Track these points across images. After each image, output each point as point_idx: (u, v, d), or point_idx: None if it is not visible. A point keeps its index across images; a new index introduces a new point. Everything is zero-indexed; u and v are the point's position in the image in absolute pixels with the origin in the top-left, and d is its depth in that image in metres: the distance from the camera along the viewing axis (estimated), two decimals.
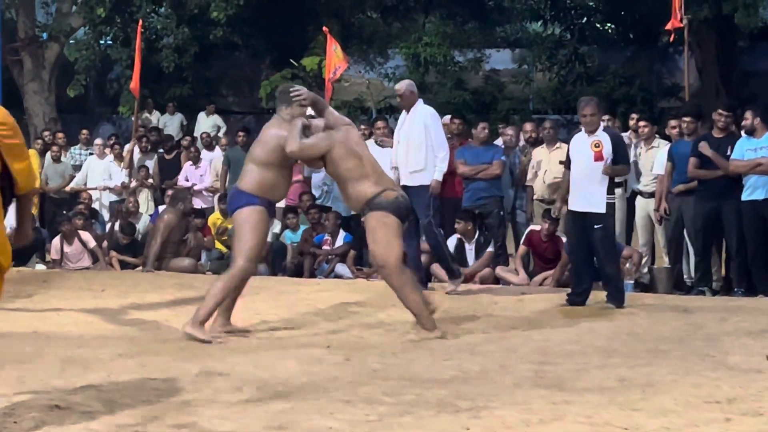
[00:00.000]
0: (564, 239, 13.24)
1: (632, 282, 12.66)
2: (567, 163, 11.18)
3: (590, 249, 10.96)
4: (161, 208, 16.37)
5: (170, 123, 22.48)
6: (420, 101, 12.19)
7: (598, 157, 10.72)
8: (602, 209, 10.75)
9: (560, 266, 12.84)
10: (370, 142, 14.40)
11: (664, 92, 24.17)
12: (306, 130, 9.15)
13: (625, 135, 14.11)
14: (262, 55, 27.19)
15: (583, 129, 11.05)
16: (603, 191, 10.76)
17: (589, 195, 10.77)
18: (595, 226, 10.76)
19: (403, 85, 12.28)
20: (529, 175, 14.04)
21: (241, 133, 17.21)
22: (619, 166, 10.98)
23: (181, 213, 15.10)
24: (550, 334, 9.31)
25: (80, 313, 10.50)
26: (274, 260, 14.67)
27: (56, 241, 15.41)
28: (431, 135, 11.86)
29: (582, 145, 10.94)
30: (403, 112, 12.30)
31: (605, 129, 11.14)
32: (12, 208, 6.15)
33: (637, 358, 8.02)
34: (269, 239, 12.73)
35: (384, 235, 9.04)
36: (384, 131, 14.52)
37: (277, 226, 14.89)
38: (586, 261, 11.05)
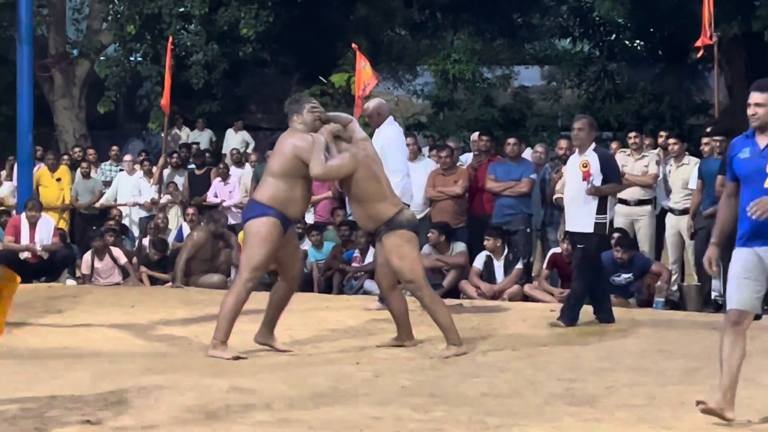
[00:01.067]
0: None
1: (662, 300, 12.60)
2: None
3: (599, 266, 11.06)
4: (185, 225, 16.43)
5: (199, 139, 22.56)
6: (387, 121, 11.83)
7: (586, 177, 10.65)
8: (589, 229, 10.68)
9: None
10: None
11: (693, 109, 24.07)
12: (328, 150, 9.13)
13: (654, 152, 14.10)
14: (291, 71, 27.26)
15: (576, 150, 11.01)
16: (590, 211, 10.67)
17: (576, 215, 10.77)
18: (578, 246, 10.78)
19: (371, 105, 12.01)
20: (559, 193, 14.01)
21: (269, 150, 17.25)
22: (608, 186, 10.80)
23: (211, 233, 15.11)
24: (580, 351, 9.30)
25: (110, 328, 10.54)
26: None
27: (87, 256, 15.48)
28: (387, 159, 10.95)
29: (572, 165, 10.96)
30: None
31: (595, 149, 10.93)
32: (45, 227, 6.18)
33: (667, 376, 8.00)
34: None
35: (409, 251, 9.08)
36: (413, 147, 14.53)
37: (305, 245, 14.92)
38: (597, 278, 11.03)
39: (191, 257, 14.86)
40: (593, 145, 10.91)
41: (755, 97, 6.66)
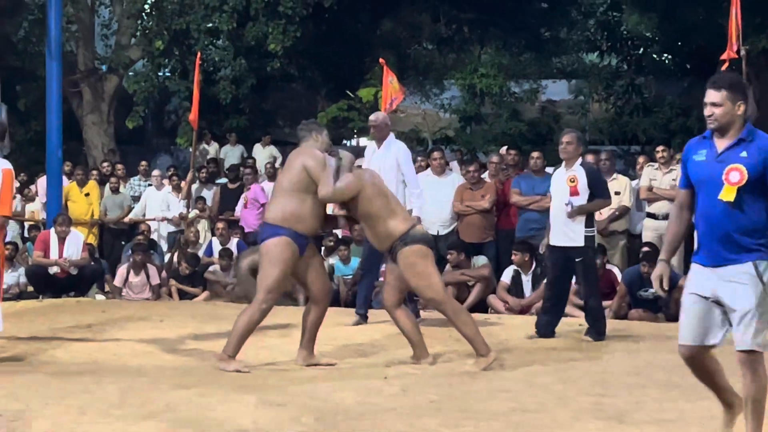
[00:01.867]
0: (616, 271, 13.19)
1: None
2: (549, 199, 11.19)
3: (567, 285, 11.08)
4: (214, 239, 16.47)
5: (231, 154, 22.65)
6: (392, 135, 11.91)
7: (574, 192, 10.68)
8: (580, 243, 10.70)
9: (618, 298, 12.78)
10: (427, 173, 14.46)
11: None
12: (338, 173, 9.14)
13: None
14: (319, 86, 27.33)
15: (563, 165, 10.97)
16: (580, 225, 10.71)
17: (567, 230, 10.70)
18: (576, 260, 10.72)
19: (380, 117, 11.99)
20: None
21: None
22: (590, 204, 10.80)
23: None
24: (609, 365, 9.27)
25: (139, 343, 10.56)
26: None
27: (123, 269, 15.56)
28: (404, 171, 11.53)
29: (559, 179, 10.92)
30: (372, 144, 12.08)
31: (582, 163, 10.96)
32: (74, 242, 6.21)
33: (696, 391, 7.94)
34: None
35: (424, 267, 9.07)
36: (440, 162, 14.53)
37: (332, 259, 14.93)
38: (562, 297, 11.10)
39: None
40: (580, 159, 10.92)
41: (711, 95, 6.16)
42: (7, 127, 9.17)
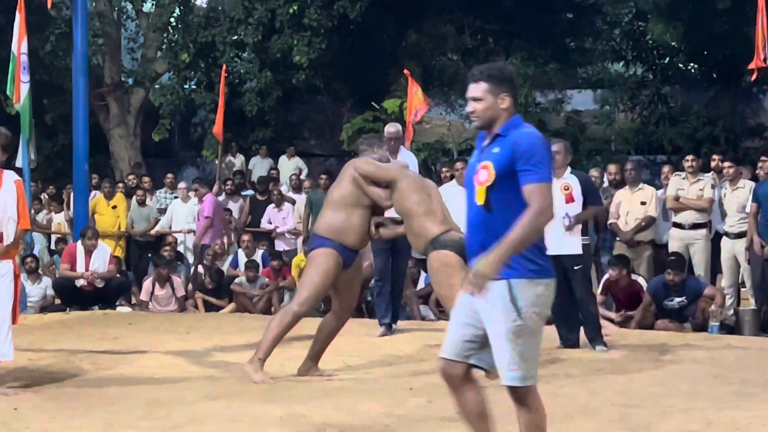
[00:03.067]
0: (642, 281, 13.15)
1: (717, 324, 12.50)
2: None
3: (569, 292, 10.74)
4: (240, 251, 16.51)
5: (260, 166, 22.72)
6: (403, 147, 12.03)
7: (569, 199, 10.56)
8: (579, 250, 10.63)
9: (642, 308, 12.74)
10: (452, 183, 14.44)
11: (747, 132, 23.94)
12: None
13: (708, 175, 14.01)
14: (344, 98, 27.38)
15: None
16: (577, 233, 10.62)
17: (564, 238, 10.50)
18: (575, 267, 10.60)
19: (399, 128, 12.14)
20: (612, 218, 13.95)
21: (323, 176, 17.35)
22: (586, 211, 10.74)
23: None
24: (635, 376, 9.24)
25: (165, 355, 10.59)
26: None
27: (148, 282, 15.61)
28: None
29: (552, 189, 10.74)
30: (384, 156, 12.07)
31: (573, 172, 10.90)
32: (101, 255, 6.24)
33: (723, 402, 7.94)
34: None
35: (447, 277, 8.91)
36: (463, 172, 14.51)
37: None
38: (570, 305, 10.77)
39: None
40: (569, 168, 10.82)
41: (470, 89, 5.49)
42: (11, 138, 9.13)
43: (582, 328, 10.86)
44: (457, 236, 8.94)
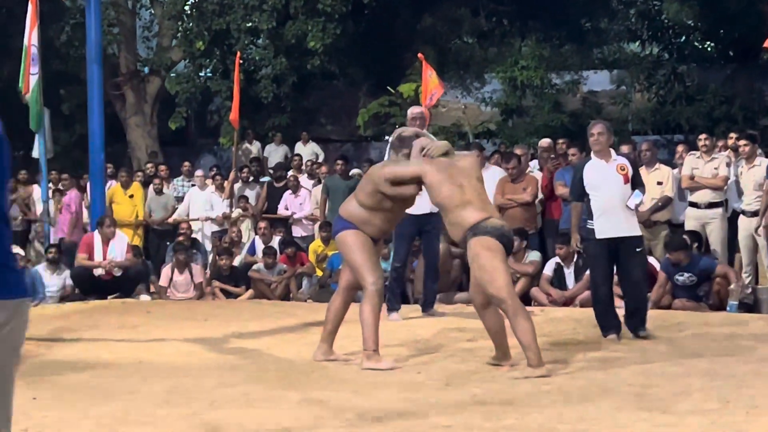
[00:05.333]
0: (653, 261, 13.08)
1: (736, 303, 12.48)
2: (577, 194, 10.69)
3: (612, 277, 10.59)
4: (257, 238, 16.53)
5: (275, 153, 22.72)
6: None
7: (626, 180, 10.33)
8: (639, 232, 10.48)
9: (658, 286, 12.71)
10: None
11: (765, 110, 23.84)
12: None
13: (724, 154, 13.98)
14: (359, 83, 27.37)
15: (593, 156, 10.54)
16: (635, 214, 10.47)
17: (624, 220, 10.30)
18: (637, 249, 10.39)
19: (423, 109, 12.27)
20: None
21: (339, 162, 17.35)
22: (654, 206, 10.59)
23: (448, 246, 14.10)
24: (652, 356, 9.22)
25: (183, 342, 10.62)
26: None
27: (167, 269, 15.66)
28: None
29: (604, 172, 10.39)
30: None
31: (620, 154, 10.80)
32: (118, 244, 6.24)
33: (740, 380, 7.92)
34: None
35: (490, 260, 8.56)
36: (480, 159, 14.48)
37: None
38: (610, 290, 10.62)
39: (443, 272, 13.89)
40: (612, 150, 10.65)
41: None
42: None
43: (626, 313, 10.50)
44: (498, 223, 8.74)
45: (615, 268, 10.48)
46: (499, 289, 8.51)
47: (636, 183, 10.47)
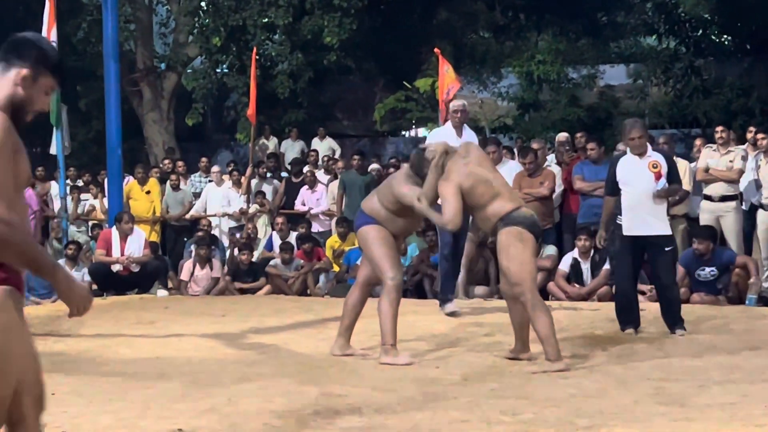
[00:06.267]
0: None
1: (755, 296, 12.43)
2: (609, 189, 10.56)
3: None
4: (274, 234, 16.54)
5: (291, 149, 22.72)
6: (465, 125, 12.09)
7: (658, 177, 10.14)
8: (669, 230, 10.34)
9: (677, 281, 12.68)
10: None
11: None
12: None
13: (741, 147, 13.93)
14: (376, 78, 27.36)
15: (629, 152, 10.41)
16: (664, 211, 10.32)
17: (653, 218, 10.17)
18: (666, 249, 10.23)
19: (465, 102, 12.32)
20: None
21: (356, 157, 17.35)
22: (674, 186, 10.40)
23: (477, 243, 14.11)
24: (671, 350, 9.22)
25: (201, 338, 10.64)
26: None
27: (188, 263, 15.71)
28: None
29: (635, 167, 10.24)
30: (448, 131, 11.93)
31: (655, 149, 10.66)
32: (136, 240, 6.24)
33: (759, 373, 7.91)
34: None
35: (518, 251, 8.56)
36: (495, 156, 14.42)
37: None
38: (635, 289, 10.57)
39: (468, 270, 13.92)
40: (649, 146, 10.48)
41: None
42: None
43: (661, 311, 10.40)
44: (528, 212, 8.77)
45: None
46: (523, 280, 8.52)
47: (673, 179, 10.31)
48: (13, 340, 3.91)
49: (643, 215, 10.20)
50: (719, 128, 14.08)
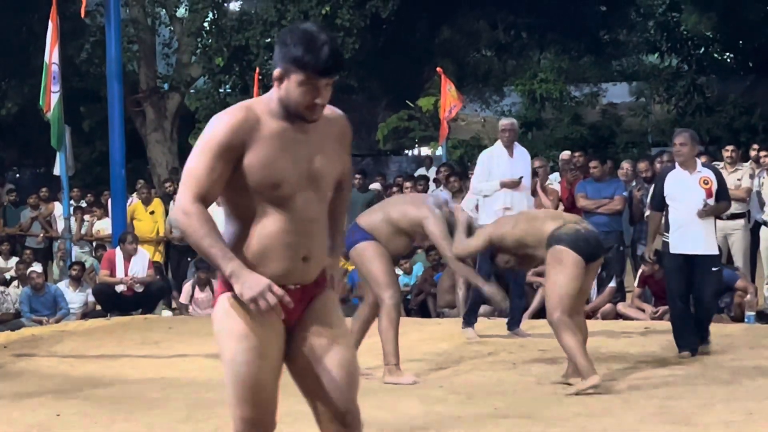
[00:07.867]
0: None
1: (753, 314, 12.40)
2: (656, 204, 10.23)
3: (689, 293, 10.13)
4: None
5: None
6: (517, 143, 12.13)
7: (710, 194, 9.86)
8: (717, 250, 10.12)
9: None
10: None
11: None
12: (470, 228, 8.98)
13: (747, 165, 13.94)
14: (378, 97, 27.43)
15: (677, 166, 10.07)
16: (713, 230, 10.09)
17: (701, 236, 9.87)
18: (713, 269, 10.01)
19: (514, 121, 12.43)
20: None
21: (357, 176, 17.34)
22: (722, 204, 10.13)
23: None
24: (675, 368, 9.21)
25: (205, 358, 10.61)
26: None
27: (188, 285, 15.66)
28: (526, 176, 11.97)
29: (685, 182, 9.95)
30: (500, 151, 12.07)
31: (705, 165, 10.43)
32: (140, 260, 6.25)
33: (763, 392, 7.90)
34: None
35: (553, 272, 8.35)
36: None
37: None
38: (688, 306, 10.12)
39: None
40: (698, 160, 10.21)
41: None
42: None
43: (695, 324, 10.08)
44: (572, 228, 8.43)
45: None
46: (550, 303, 8.40)
47: (721, 197, 10.06)
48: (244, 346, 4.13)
49: (692, 232, 9.88)
50: (729, 147, 14.05)
